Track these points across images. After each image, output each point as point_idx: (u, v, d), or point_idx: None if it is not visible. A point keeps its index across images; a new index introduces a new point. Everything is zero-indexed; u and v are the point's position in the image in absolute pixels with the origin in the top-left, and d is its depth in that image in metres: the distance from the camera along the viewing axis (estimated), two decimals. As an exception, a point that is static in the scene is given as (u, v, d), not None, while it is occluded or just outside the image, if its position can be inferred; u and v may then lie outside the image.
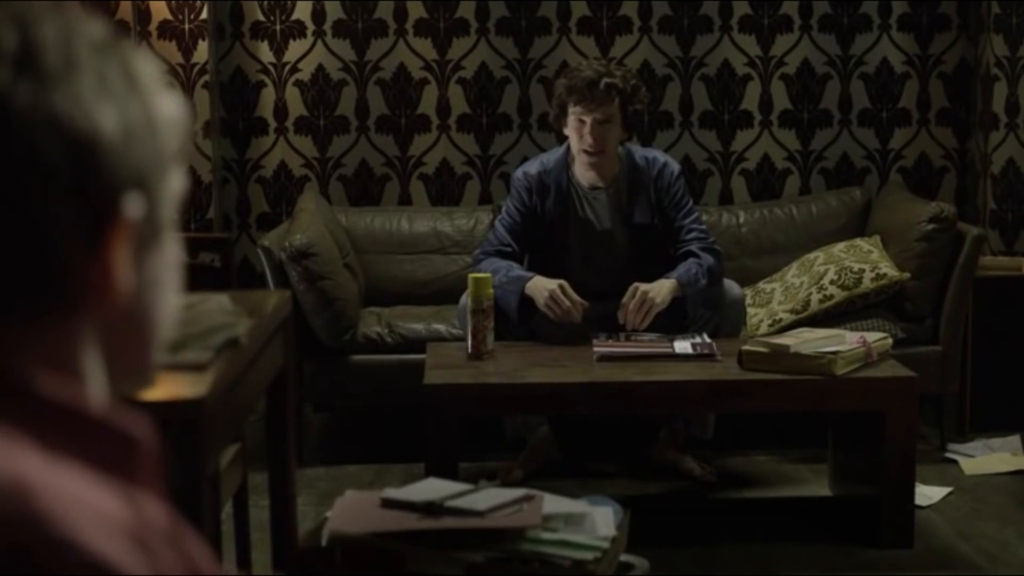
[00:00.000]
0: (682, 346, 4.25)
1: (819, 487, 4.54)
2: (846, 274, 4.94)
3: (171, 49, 5.45)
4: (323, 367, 4.90)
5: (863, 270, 4.94)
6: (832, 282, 4.94)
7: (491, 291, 4.28)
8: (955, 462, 4.80)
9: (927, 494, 4.39)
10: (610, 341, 4.33)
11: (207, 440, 2.20)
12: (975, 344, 5.08)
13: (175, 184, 0.96)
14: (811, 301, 4.91)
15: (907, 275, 4.93)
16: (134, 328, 0.95)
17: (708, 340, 4.30)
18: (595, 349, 4.24)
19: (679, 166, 4.74)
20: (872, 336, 4.18)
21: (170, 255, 0.97)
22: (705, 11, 5.76)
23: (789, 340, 4.08)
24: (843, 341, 4.09)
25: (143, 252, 0.93)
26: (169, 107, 0.94)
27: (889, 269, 4.94)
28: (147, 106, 0.91)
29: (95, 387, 0.92)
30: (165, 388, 2.31)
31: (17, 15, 0.87)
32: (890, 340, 4.24)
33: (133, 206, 0.89)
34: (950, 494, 4.47)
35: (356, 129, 5.76)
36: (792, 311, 4.91)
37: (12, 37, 0.86)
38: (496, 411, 4.44)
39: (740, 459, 4.87)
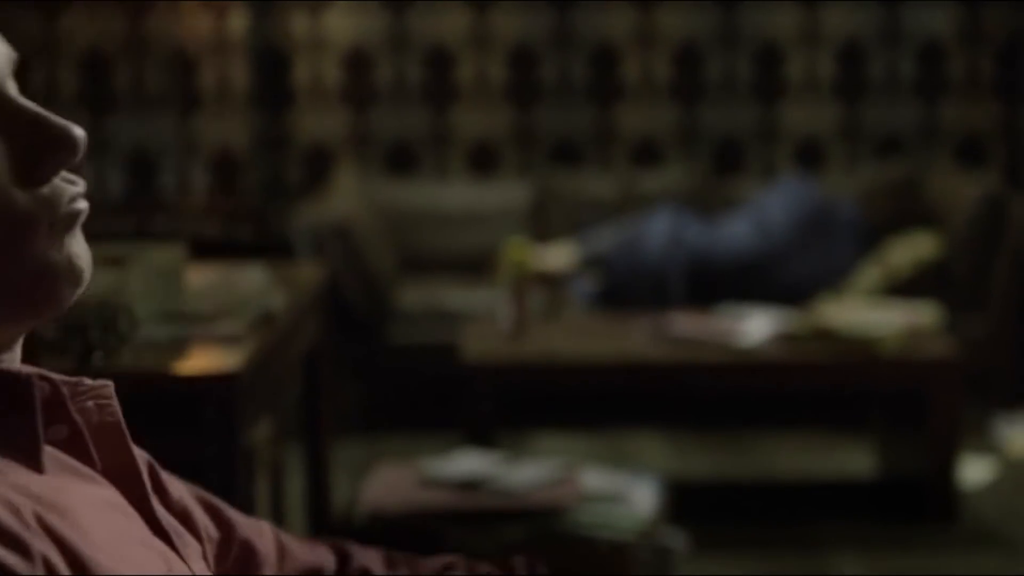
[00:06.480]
0: (757, 325, 4.08)
1: (863, 465, 4.49)
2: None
3: (206, 17, 5.41)
4: (359, 340, 4.86)
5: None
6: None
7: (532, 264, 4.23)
8: (1001, 440, 4.75)
9: (972, 472, 4.34)
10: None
11: (242, 413, 2.17)
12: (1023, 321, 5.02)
13: None
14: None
15: (937, 252, 4.88)
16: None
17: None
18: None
19: None
20: (919, 313, 4.13)
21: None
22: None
23: (835, 317, 4.03)
24: (890, 318, 4.04)
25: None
26: None
27: (914, 250, 4.90)
28: None
29: None
30: (200, 360, 2.27)
31: None
32: (938, 318, 4.18)
33: None
34: (996, 472, 4.42)
35: (393, 100, 5.71)
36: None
37: None
38: (534, 386, 4.41)
39: (783, 436, 4.83)
